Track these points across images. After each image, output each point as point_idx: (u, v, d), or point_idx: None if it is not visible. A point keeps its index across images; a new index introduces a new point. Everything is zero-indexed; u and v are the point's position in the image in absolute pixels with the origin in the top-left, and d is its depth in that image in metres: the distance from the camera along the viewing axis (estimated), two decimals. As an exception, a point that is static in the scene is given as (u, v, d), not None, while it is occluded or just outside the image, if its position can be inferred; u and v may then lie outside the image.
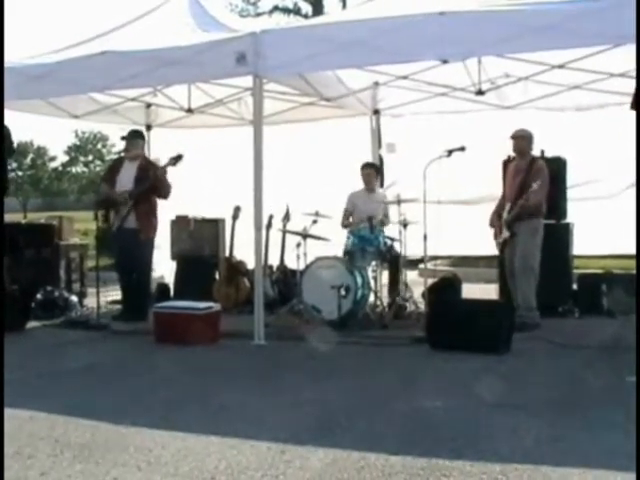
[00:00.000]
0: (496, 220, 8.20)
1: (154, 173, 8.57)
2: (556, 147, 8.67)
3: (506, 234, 7.99)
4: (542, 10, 6.17)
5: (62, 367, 6.36)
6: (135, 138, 8.89)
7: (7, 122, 8.10)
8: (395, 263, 8.67)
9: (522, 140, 8.11)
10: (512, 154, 8.37)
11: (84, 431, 4.44)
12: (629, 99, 6.45)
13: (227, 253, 9.66)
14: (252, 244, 7.37)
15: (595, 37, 6.07)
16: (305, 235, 8.69)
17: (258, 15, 28.01)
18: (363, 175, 9.30)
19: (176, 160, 8.46)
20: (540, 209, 7.93)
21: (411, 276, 9.17)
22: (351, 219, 9.13)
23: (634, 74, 7.07)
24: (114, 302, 9.36)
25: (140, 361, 6.72)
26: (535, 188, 7.60)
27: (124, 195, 8.55)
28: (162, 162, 8.84)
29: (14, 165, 55.86)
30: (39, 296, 8.96)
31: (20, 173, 59.49)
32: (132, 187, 8.58)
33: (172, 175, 8.65)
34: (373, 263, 8.60)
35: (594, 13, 5.90)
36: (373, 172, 9.44)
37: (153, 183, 8.53)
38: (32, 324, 8.31)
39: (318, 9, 26.31)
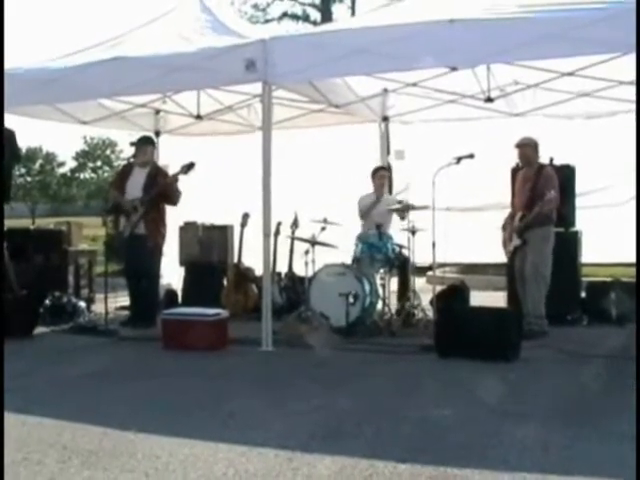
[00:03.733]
0: (506, 228, 8.18)
1: (164, 180, 8.57)
2: (565, 155, 8.64)
3: (517, 241, 7.96)
4: (551, 18, 6.17)
5: (70, 373, 6.36)
6: (145, 144, 8.84)
7: (16, 127, 8.12)
8: (404, 270, 8.67)
9: (527, 148, 8.07)
10: (520, 162, 8.37)
11: (92, 437, 4.45)
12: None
13: (235, 260, 9.67)
14: (260, 251, 7.37)
15: (604, 45, 6.07)
16: (313, 242, 8.67)
17: (267, 22, 28.19)
18: (377, 177, 9.28)
19: (188, 168, 8.41)
20: (551, 217, 7.91)
21: (419, 283, 9.14)
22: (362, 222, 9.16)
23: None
24: (122, 308, 9.37)
25: (148, 367, 6.71)
26: (551, 196, 7.58)
27: (134, 203, 8.54)
28: (172, 169, 8.84)
29: (23, 170, 56.02)
30: (47, 302, 8.97)
31: (29, 179, 59.64)
32: (141, 194, 8.57)
33: (181, 181, 8.63)
34: (381, 270, 8.59)
35: (603, 21, 5.89)
36: (387, 176, 9.46)
37: (163, 190, 8.53)
38: (40, 330, 8.31)
39: (327, 16, 26.41)
